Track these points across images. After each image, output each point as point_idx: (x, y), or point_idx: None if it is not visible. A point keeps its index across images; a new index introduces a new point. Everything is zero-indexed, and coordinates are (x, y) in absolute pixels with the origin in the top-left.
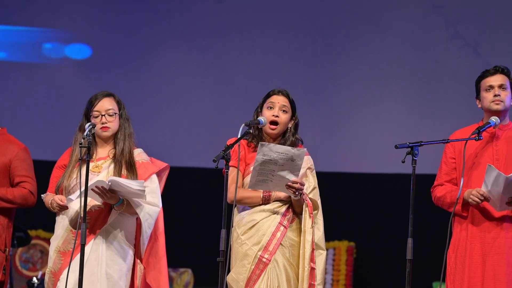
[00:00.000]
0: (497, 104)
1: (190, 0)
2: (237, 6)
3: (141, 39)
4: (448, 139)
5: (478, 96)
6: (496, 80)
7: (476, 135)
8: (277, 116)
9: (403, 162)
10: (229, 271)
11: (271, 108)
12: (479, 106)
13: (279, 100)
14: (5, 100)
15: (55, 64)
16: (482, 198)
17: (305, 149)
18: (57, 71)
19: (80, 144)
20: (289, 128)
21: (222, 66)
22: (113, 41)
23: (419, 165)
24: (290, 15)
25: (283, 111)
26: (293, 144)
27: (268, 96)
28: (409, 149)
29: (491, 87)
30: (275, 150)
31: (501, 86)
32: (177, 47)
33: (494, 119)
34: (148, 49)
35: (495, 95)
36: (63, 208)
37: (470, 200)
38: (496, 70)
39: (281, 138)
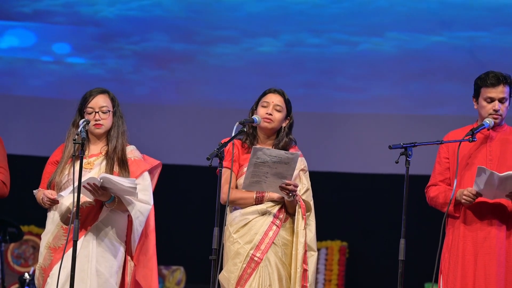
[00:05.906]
0: (495, 119)
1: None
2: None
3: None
4: (442, 140)
5: (476, 97)
6: (497, 93)
7: (470, 136)
8: (270, 114)
9: (397, 162)
10: (221, 269)
11: (265, 106)
12: (476, 107)
13: (273, 99)
14: None
15: (49, 60)
16: (475, 198)
17: (299, 152)
18: (51, 66)
19: (74, 140)
20: (283, 128)
21: (217, 63)
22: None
23: (412, 166)
24: (286, 12)
25: (277, 110)
26: (287, 145)
27: (264, 94)
28: (403, 149)
29: (492, 99)
30: (269, 154)
31: (501, 100)
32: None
33: (488, 121)
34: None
35: (495, 110)
36: (54, 202)
37: (462, 200)
38: (499, 81)
39: (275, 137)
